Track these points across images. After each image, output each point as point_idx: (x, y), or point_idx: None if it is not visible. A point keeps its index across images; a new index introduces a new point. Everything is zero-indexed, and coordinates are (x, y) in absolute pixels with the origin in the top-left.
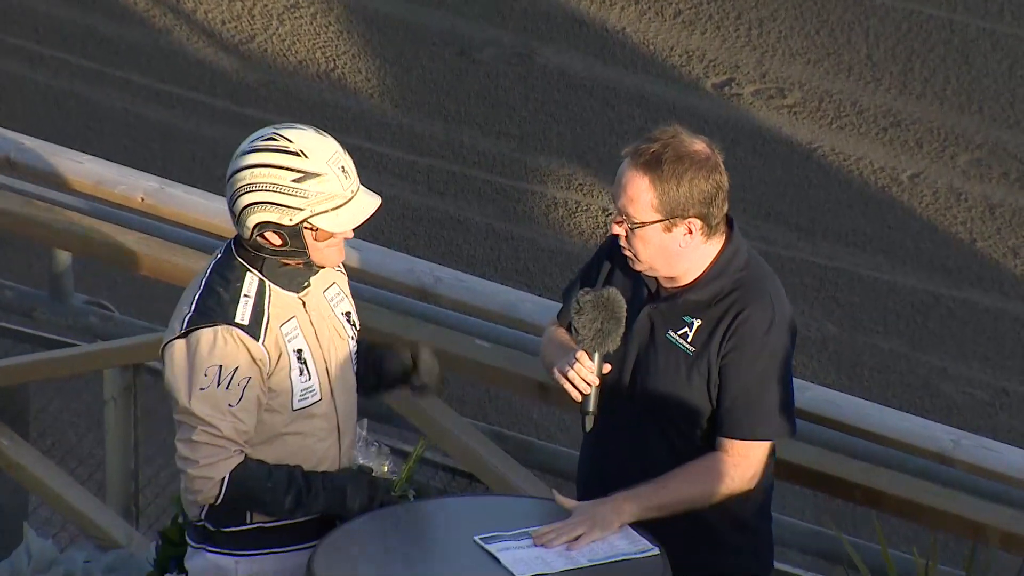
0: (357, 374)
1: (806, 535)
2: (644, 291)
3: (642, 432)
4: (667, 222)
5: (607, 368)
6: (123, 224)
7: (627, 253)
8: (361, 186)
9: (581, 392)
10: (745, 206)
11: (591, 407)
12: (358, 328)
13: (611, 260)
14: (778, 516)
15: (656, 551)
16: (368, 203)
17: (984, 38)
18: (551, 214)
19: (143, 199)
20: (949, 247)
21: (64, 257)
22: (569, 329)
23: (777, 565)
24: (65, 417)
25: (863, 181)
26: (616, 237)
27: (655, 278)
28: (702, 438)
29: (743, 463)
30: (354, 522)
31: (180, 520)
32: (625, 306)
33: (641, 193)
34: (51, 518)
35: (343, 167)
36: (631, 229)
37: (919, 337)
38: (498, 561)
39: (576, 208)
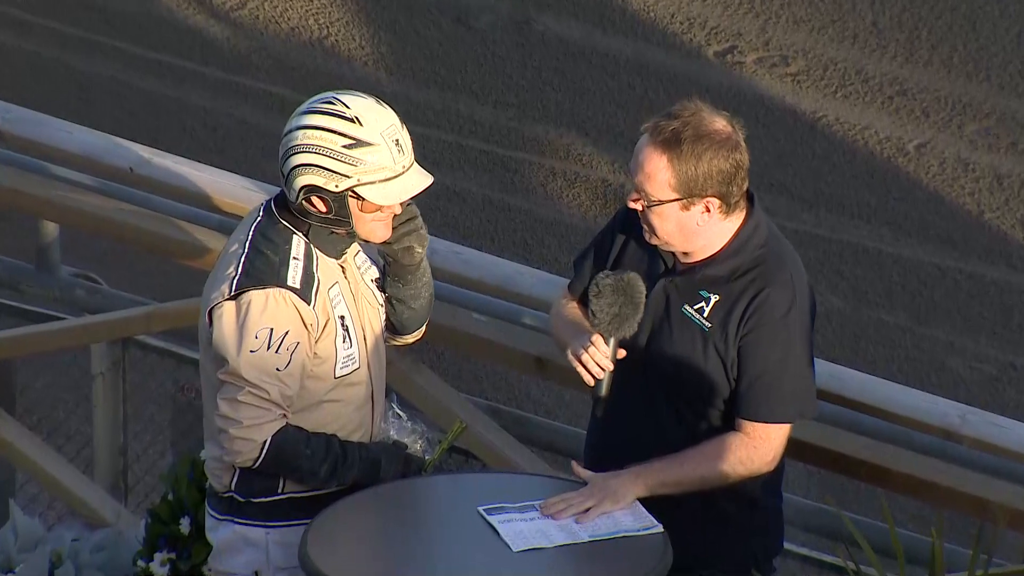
0: None
1: (809, 513)
2: (660, 264)
3: (654, 406)
4: (684, 201)
5: (622, 353)
6: (112, 195)
7: (644, 225)
8: (415, 163)
9: (594, 376)
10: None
11: (603, 391)
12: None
13: (625, 232)
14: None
15: (658, 528)
16: (418, 181)
17: (992, 4)
18: (549, 185)
19: (132, 169)
20: (956, 219)
21: (51, 229)
22: (583, 302)
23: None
24: (52, 393)
25: (868, 151)
26: (630, 208)
27: (671, 252)
28: (715, 414)
29: (762, 445)
30: (351, 497)
31: (169, 497)
32: (644, 291)
33: (659, 172)
34: (38, 496)
35: (397, 140)
36: (648, 207)
37: (925, 311)
38: (498, 533)
39: (575, 179)
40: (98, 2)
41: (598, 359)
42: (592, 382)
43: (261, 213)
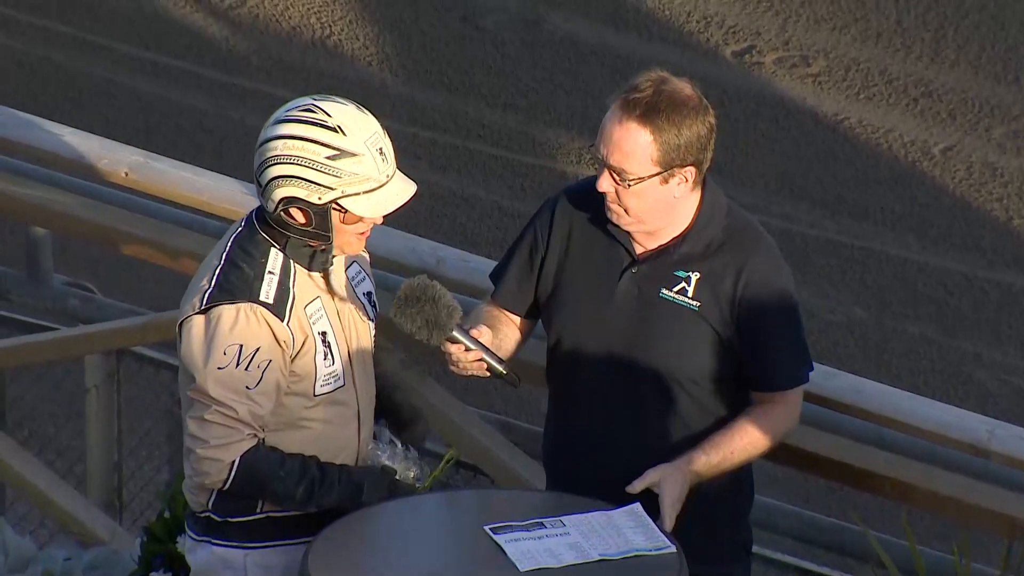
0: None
1: (831, 531)
2: (620, 255)
3: (639, 398)
4: (665, 174)
5: (481, 333)
6: (105, 200)
7: (614, 207)
8: (398, 171)
9: (479, 371)
10: (766, 181)
11: (501, 369)
12: (378, 311)
13: (564, 228)
14: (801, 511)
15: (672, 548)
16: (402, 190)
17: (1021, 3)
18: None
19: (127, 174)
20: (983, 225)
21: (43, 235)
22: (518, 312)
23: (801, 563)
24: (44, 406)
25: (892, 155)
26: (562, 197)
27: (630, 239)
28: (709, 393)
29: (795, 410)
30: (354, 515)
31: (166, 515)
32: (426, 283)
33: (640, 147)
34: (29, 513)
35: (381, 149)
36: (627, 186)
37: (951, 321)
38: (504, 552)
39: None
40: (89, 0)
41: (464, 362)
42: (487, 375)
43: (243, 224)
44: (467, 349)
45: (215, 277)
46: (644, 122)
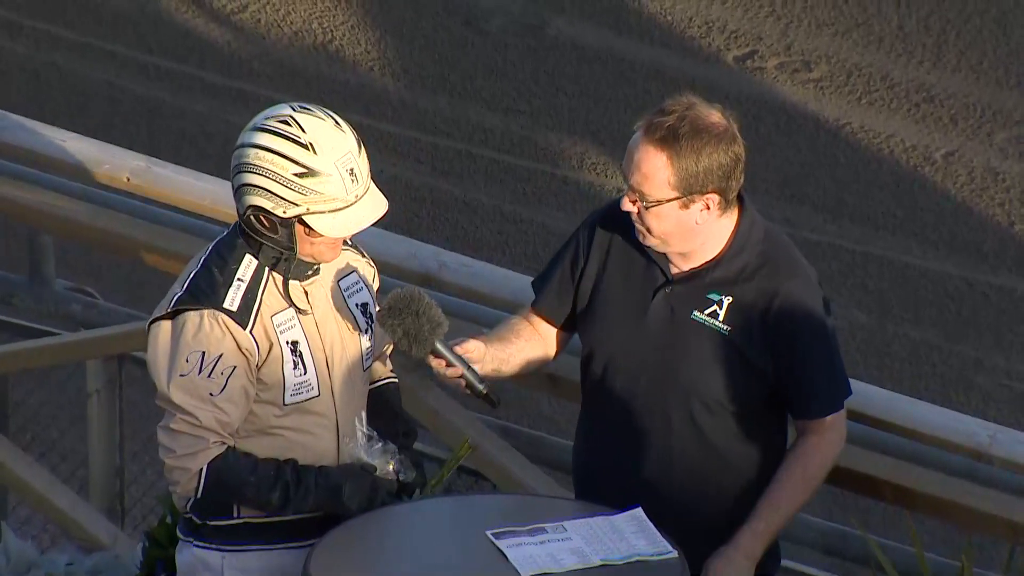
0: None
1: (832, 536)
2: (656, 274)
3: (666, 416)
4: (684, 199)
5: (467, 349)
6: (108, 205)
7: (639, 227)
8: (371, 188)
9: (462, 386)
10: (768, 187)
11: (480, 388)
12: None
13: (604, 242)
14: (802, 515)
15: (674, 554)
16: (370, 212)
17: (1023, 8)
18: (562, 195)
19: (129, 179)
20: (985, 230)
21: (45, 240)
22: (553, 322)
23: (802, 567)
24: (46, 411)
25: (894, 160)
26: (605, 212)
27: (666, 259)
28: (737, 415)
29: (836, 436)
30: (356, 519)
31: (168, 520)
32: (414, 295)
33: (657, 171)
34: (31, 518)
35: (351, 169)
36: (645, 208)
37: (953, 326)
38: (506, 557)
39: (589, 189)
40: (92, 3)
41: (447, 376)
42: (467, 391)
43: (230, 228)
44: (449, 364)
45: (188, 281)
46: (662, 146)
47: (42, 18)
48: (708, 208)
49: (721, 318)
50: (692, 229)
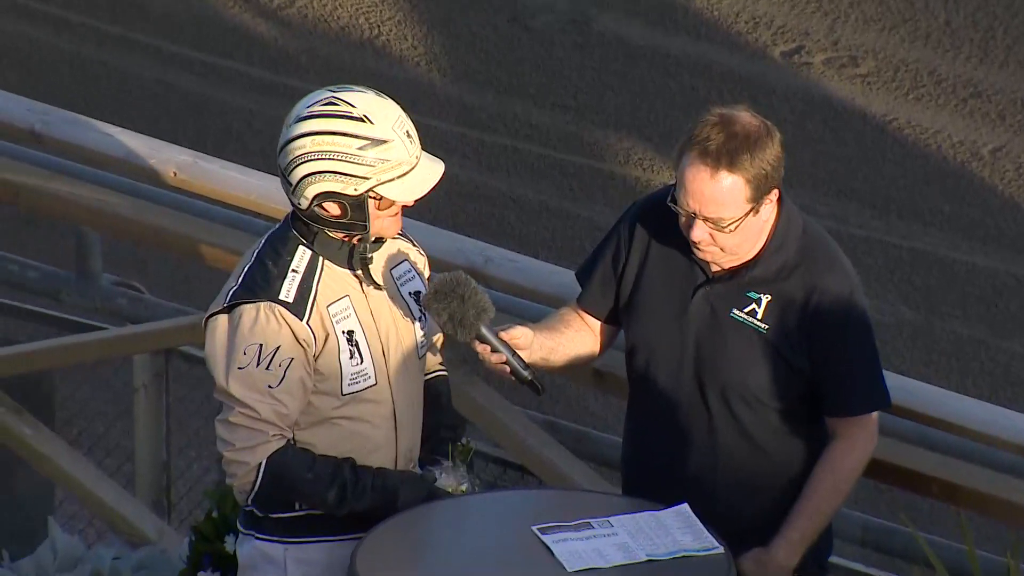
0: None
1: (877, 531)
2: (696, 272)
3: (708, 414)
4: (757, 205)
5: (512, 336)
6: (154, 200)
7: (708, 251)
8: (423, 151)
9: (503, 372)
10: (815, 183)
11: (525, 375)
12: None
13: (644, 240)
14: (849, 511)
15: (720, 550)
16: (433, 169)
17: None
18: (608, 191)
19: (176, 174)
20: None
21: (92, 236)
22: (595, 316)
23: (849, 563)
24: (93, 405)
25: (941, 156)
26: (645, 206)
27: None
28: (774, 414)
29: (866, 441)
30: (403, 514)
31: (214, 514)
32: (460, 279)
33: (735, 193)
34: (78, 513)
35: (407, 131)
36: (727, 230)
37: (1000, 322)
38: (552, 553)
39: (636, 184)
40: (140, 0)
41: (490, 362)
42: (511, 377)
43: (281, 223)
44: (494, 350)
45: (242, 275)
46: (733, 168)
47: (89, 14)
48: (771, 202)
49: (760, 316)
50: (761, 228)
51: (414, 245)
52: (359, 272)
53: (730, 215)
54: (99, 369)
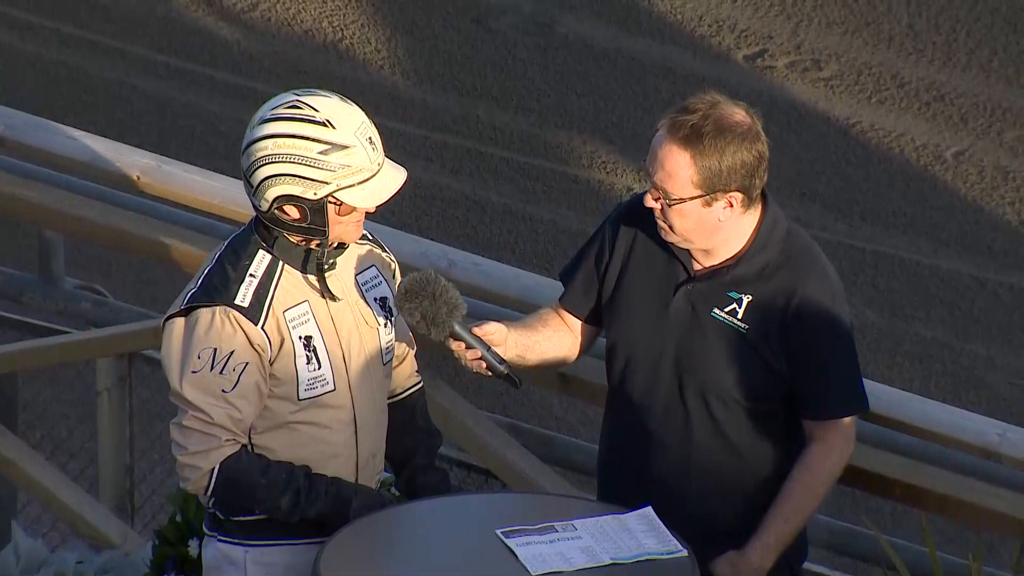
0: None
1: (841, 534)
2: (678, 270)
3: (685, 413)
4: (707, 197)
5: (486, 332)
6: (118, 204)
7: (661, 223)
8: (386, 158)
9: (480, 369)
10: (779, 185)
11: (501, 369)
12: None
13: (628, 237)
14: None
15: (684, 552)
16: (394, 177)
17: None
18: (572, 194)
19: (139, 177)
20: (996, 229)
21: (55, 239)
22: (577, 315)
23: (812, 566)
24: (55, 409)
25: (904, 159)
26: (630, 206)
27: (688, 256)
28: (754, 413)
29: (843, 444)
30: (367, 518)
31: (178, 518)
32: (431, 278)
33: (680, 169)
34: (41, 516)
35: (370, 138)
36: (668, 205)
37: (963, 324)
38: (516, 556)
39: (599, 187)
40: (103, 2)
41: (466, 359)
42: (488, 373)
43: (245, 225)
44: (468, 347)
45: (202, 278)
46: (686, 145)
47: (52, 17)
48: (731, 206)
49: (740, 316)
50: (714, 226)
51: (384, 251)
52: (320, 279)
53: (673, 190)
54: (62, 372)
